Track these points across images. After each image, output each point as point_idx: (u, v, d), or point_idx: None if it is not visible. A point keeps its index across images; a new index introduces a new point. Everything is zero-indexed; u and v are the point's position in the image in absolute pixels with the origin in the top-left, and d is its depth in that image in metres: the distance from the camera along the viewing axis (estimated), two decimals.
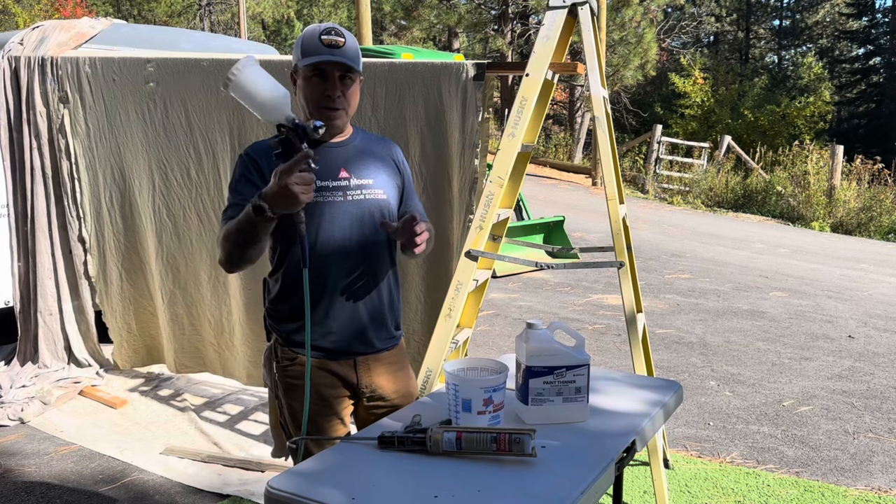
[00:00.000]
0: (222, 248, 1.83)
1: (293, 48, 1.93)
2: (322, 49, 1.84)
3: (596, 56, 2.80)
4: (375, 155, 2.01)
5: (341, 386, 1.99)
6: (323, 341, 1.94)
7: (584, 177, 17.14)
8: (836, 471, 3.46)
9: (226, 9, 31.12)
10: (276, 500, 1.48)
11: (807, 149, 13.77)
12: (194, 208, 3.88)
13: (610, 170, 2.85)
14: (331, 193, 1.89)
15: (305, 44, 1.86)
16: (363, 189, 1.94)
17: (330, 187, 1.89)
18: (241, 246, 1.77)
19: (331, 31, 1.86)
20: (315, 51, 1.84)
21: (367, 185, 1.95)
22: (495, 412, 1.72)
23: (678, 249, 9.47)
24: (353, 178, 1.93)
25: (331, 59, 1.84)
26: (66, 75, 3.97)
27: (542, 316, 6.14)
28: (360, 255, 1.95)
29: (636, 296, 2.93)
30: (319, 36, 1.85)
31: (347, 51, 1.87)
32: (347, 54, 1.87)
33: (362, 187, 1.94)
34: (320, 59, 1.84)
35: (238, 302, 3.83)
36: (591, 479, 1.52)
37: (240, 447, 3.50)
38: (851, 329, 5.97)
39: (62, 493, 3.08)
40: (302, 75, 1.88)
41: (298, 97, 1.92)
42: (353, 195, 1.92)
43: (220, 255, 1.85)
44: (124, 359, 4.35)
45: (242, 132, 3.63)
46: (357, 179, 1.93)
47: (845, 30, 31.98)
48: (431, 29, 22.49)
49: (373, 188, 1.95)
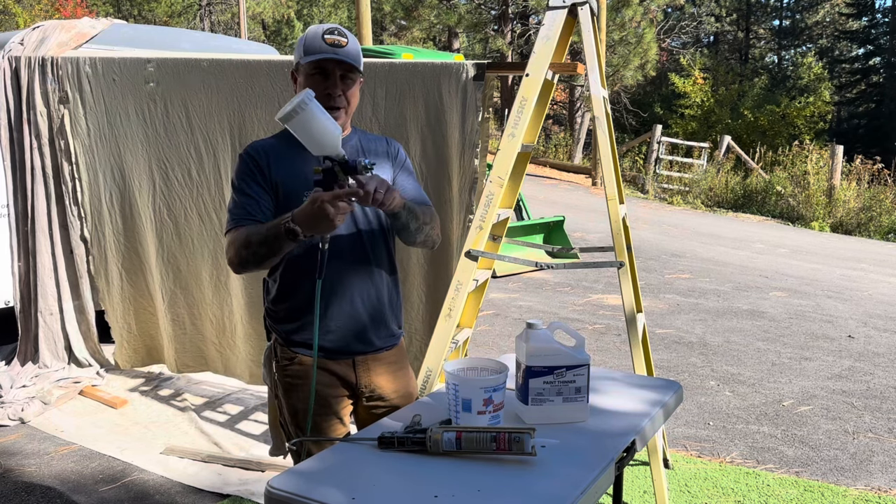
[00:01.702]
0: (237, 253, 1.83)
1: (295, 47, 1.95)
2: (325, 48, 1.86)
3: (596, 56, 2.81)
4: (373, 154, 2.02)
5: (340, 386, 2.00)
6: (322, 341, 1.94)
7: (584, 177, 17.14)
8: (836, 471, 3.46)
9: (226, 9, 31.12)
10: (276, 499, 1.48)
11: (807, 149, 13.77)
12: (195, 208, 3.88)
13: (610, 170, 2.85)
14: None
15: (308, 42, 1.88)
16: None
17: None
18: (261, 257, 1.81)
19: (334, 31, 1.89)
20: (318, 49, 1.86)
21: None
22: (495, 412, 1.72)
23: (678, 249, 9.47)
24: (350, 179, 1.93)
25: (333, 58, 1.86)
26: (67, 75, 3.97)
27: (542, 316, 6.14)
28: (358, 255, 1.96)
29: (636, 296, 2.93)
30: (322, 35, 1.87)
31: (349, 51, 1.90)
32: (349, 54, 1.89)
33: None
34: (323, 57, 1.86)
35: (240, 301, 3.83)
36: (591, 479, 1.52)
37: (240, 447, 3.50)
38: (851, 329, 5.97)
39: (62, 493, 3.08)
40: (303, 72, 1.90)
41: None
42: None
43: (234, 257, 1.85)
44: (124, 359, 4.35)
45: (243, 132, 3.63)
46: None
47: (845, 30, 31.98)
48: (431, 29, 22.49)
49: None
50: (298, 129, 1.69)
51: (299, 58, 1.90)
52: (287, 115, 1.66)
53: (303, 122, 1.67)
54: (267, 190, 1.90)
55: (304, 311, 1.94)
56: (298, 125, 1.68)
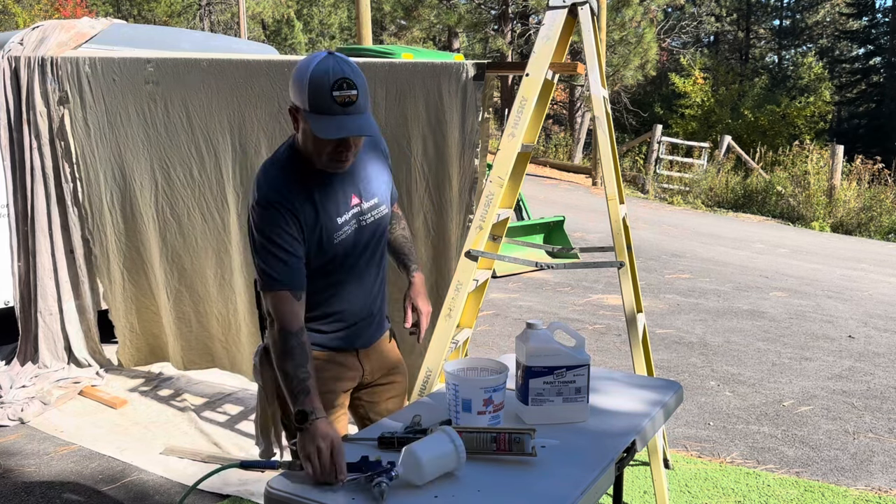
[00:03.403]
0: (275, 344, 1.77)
1: (293, 85, 1.72)
2: (336, 109, 1.67)
3: (596, 56, 2.80)
4: (372, 163, 2.01)
5: (347, 379, 2.04)
6: (329, 343, 1.99)
7: (584, 177, 17.13)
8: (836, 471, 3.46)
9: (226, 9, 31.11)
10: (276, 500, 1.49)
11: (807, 149, 13.76)
12: (198, 207, 3.89)
13: (610, 170, 2.85)
14: (349, 225, 1.90)
15: (314, 96, 1.67)
16: (372, 211, 1.96)
17: (347, 219, 1.89)
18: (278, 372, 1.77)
19: (342, 84, 1.66)
20: (328, 109, 1.67)
21: (374, 206, 1.97)
22: (495, 412, 1.72)
23: (678, 249, 9.47)
24: (363, 202, 1.94)
25: (351, 135, 1.70)
26: (66, 75, 3.97)
27: (542, 316, 6.14)
28: (371, 270, 2.02)
29: (636, 296, 2.93)
30: (331, 91, 1.65)
31: (361, 105, 1.70)
32: (364, 117, 1.71)
33: (372, 209, 1.96)
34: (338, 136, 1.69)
35: (243, 299, 3.84)
36: (591, 479, 1.52)
37: (240, 447, 3.50)
38: (851, 329, 5.97)
39: (62, 493, 3.08)
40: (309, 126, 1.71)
41: (301, 136, 1.80)
42: (364, 220, 1.94)
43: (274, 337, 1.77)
44: (128, 357, 4.38)
45: (243, 132, 3.63)
46: (367, 202, 1.95)
47: (845, 30, 31.97)
48: (431, 29, 22.49)
49: (378, 206, 1.98)
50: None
51: (303, 106, 1.70)
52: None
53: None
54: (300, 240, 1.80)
55: (314, 311, 1.95)
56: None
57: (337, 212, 1.86)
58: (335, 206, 1.86)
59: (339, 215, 1.87)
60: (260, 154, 3.60)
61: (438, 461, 1.50)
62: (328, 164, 1.80)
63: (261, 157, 3.61)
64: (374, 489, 1.44)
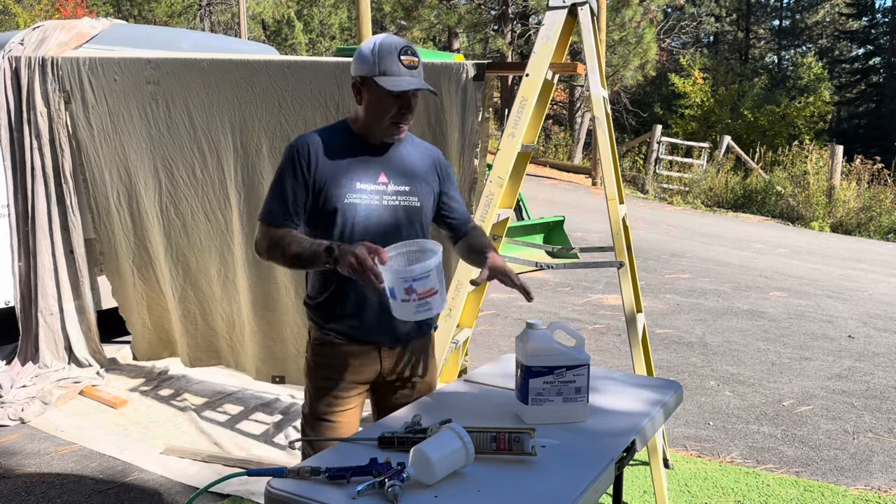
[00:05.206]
0: (268, 251, 1.92)
1: (360, 55, 1.93)
2: (403, 70, 1.89)
3: (596, 56, 2.81)
4: (416, 162, 2.06)
5: (363, 374, 2.04)
6: (351, 331, 2.00)
7: (584, 177, 17.13)
8: (835, 471, 3.46)
9: (226, 9, 31.13)
10: (277, 499, 1.49)
11: (806, 149, 13.76)
12: (202, 207, 3.90)
13: (610, 170, 2.86)
14: (368, 196, 1.95)
15: (383, 60, 1.88)
16: (399, 195, 1.99)
17: (368, 190, 1.95)
18: (290, 265, 1.94)
19: (408, 51, 1.90)
20: (396, 72, 1.88)
21: (402, 192, 2.00)
22: (420, 300, 1.72)
23: (678, 249, 9.47)
24: (390, 184, 1.98)
25: (419, 88, 1.89)
26: (67, 75, 3.97)
27: (542, 316, 6.14)
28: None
29: (636, 296, 2.94)
30: (399, 56, 1.88)
31: (421, 71, 1.95)
32: (422, 75, 1.95)
33: (399, 193, 1.99)
34: (409, 88, 1.88)
35: (246, 298, 3.85)
36: (591, 479, 1.53)
37: (240, 447, 3.50)
38: (851, 329, 5.97)
39: (62, 493, 3.08)
40: (376, 91, 1.90)
41: (362, 108, 1.95)
42: (388, 200, 1.97)
43: (263, 251, 1.94)
44: (141, 352, 4.42)
45: (245, 131, 3.64)
46: (395, 185, 1.99)
47: (845, 30, 31.98)
48: (431, 29, 22.48)
49: (408, 195, 2.01)
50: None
51: (371, 73, 1.89)
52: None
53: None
54: (306, 187, 1.93)
55: (341, 302, 1.99)
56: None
57: (359, 178, 1.94)
58: (358, 174, 1.95)
59: (359, 181, 1.94)
60: (261, 153, 3.61)
61: (448, 459, 1.51)
62: (388, 130, 1.94)
63: (262, 157, 3.61)
64: (388, 492, 1.44)
